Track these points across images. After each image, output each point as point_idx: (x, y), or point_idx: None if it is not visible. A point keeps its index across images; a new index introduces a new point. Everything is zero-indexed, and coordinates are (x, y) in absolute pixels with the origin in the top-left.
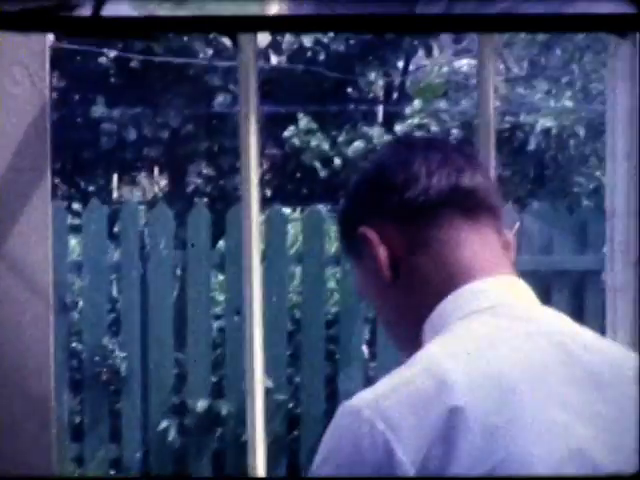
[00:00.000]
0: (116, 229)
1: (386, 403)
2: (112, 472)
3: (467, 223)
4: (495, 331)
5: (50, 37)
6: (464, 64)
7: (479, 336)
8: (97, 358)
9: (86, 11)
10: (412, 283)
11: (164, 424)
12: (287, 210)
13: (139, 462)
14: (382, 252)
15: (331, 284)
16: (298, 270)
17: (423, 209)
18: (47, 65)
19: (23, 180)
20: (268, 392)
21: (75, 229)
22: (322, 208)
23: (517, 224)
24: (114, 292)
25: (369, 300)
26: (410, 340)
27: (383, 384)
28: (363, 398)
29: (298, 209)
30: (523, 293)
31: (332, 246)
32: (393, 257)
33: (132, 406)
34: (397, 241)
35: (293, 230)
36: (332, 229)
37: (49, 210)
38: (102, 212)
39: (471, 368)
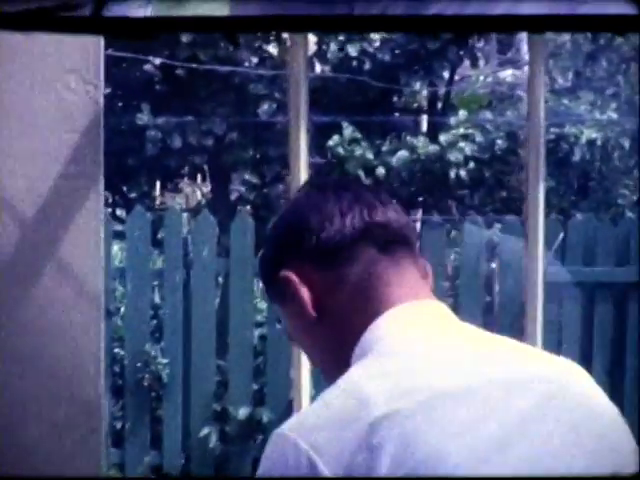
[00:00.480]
0: (159, 236)
1: (308, 425)
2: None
3: (383, 257)
4: (413, 350)
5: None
6: (508, 74)
7: (397, 356)
8: (139, 364)
9: (87, 11)
10: (335, 320)
11: (205, 431)
12: None
13: (180, 468)
14: (304, 293)
15: None
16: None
17: (339, 248)
18: (102, 73)
19: (76, 186)
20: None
21: (118, 235)
22: None
23: (561, 235)
24: (157, 299)
25: (298, 342)
26: (340, 374)
27: (307, 409)
28: (289, 423)
29: None
30: (442, 314)
31: None
32: (315, 297)
33: (173, 412)
34: (317, 281)
35: None
36: None
37: (101, 217)
38: (146, 219)
39: (389, 384)
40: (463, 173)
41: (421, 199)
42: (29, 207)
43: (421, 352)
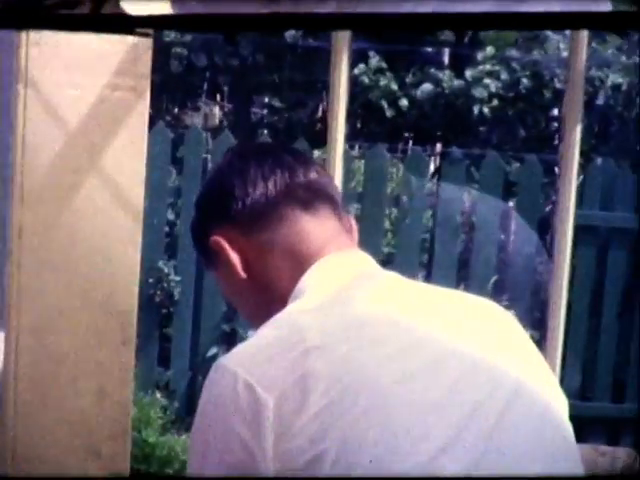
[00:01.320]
0: (179, 154)
1: (246, 355)
2: (158, 395)
3: (306, 215)
4: (343, 290)
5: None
6: None
7: (329, 294)
8: (151, 280)
9: (86, 9)
10: (265, 279)
11: (214, 350)
12: (349, 147)
13: (186, 387)
14: (234, 258)
15: (387, 225)
16: (356, 209)
17: (264, 211)
18: None
19: (123, 98)
20: None
21: None
22: (385, 148)
23: (580, 178)
24: (172, 216)
25: (232, 301)
26: None
27: (246, 342)
28: (227, 355)
29: (359, 147)
30: (365, 261)
31: (391, 187)
32: (244, 259)
33: (183, 331)
34: (245, 245)
35: (354, 168)
36: (393, 170)
37: (145, 129)
38: (166, 136)
39: (322, 317)
40: (486, 110)
41: (442, 133)
42: (75, 116)
43: (347, 295)
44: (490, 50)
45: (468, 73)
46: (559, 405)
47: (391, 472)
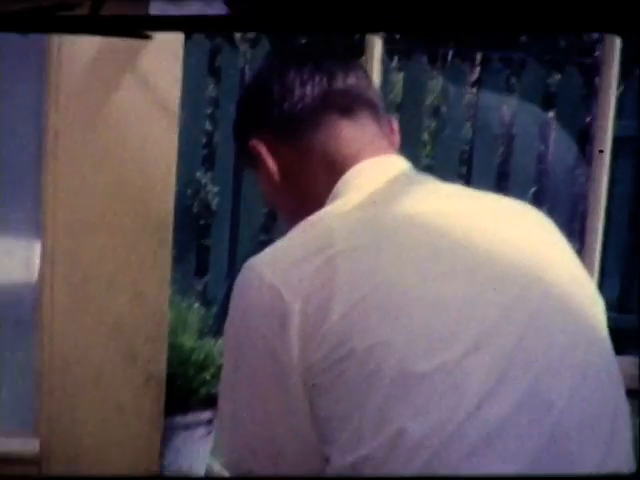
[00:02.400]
0: (217, 64)
1: (273, 258)
2: (196, 305)
3: (344, 120)
4: (377, 193)
5: None
6: None
7: (363, 198)
8: (189, 191)
9: (85, 10)
10: (302, 183)
11: None
12: (387, 59)
13: (222, 298)
14: (270, 162)
15: (426, 136)
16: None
17: (301, 116)
18: None
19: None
20: None
21: None
22: (424, 58)
23: (621, 88)
24: (210, 127)
25: (270, 203)
26: None
27: (275, 243)
28: (256, 257)
29: (398, 58)
30: (402, 165)
31: (430, 98)
32: (282, 164)
33: (220, 242)
34: (283, 149)
35: (393, 80)
36: (432, 81)
37: (181, 36)
38: (204, 46)
39: (354, 220)
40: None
41: (482, 43)
42: None
43: (382, 199)
44: None
45: None
46: (596, 312)
47: (415, 373)
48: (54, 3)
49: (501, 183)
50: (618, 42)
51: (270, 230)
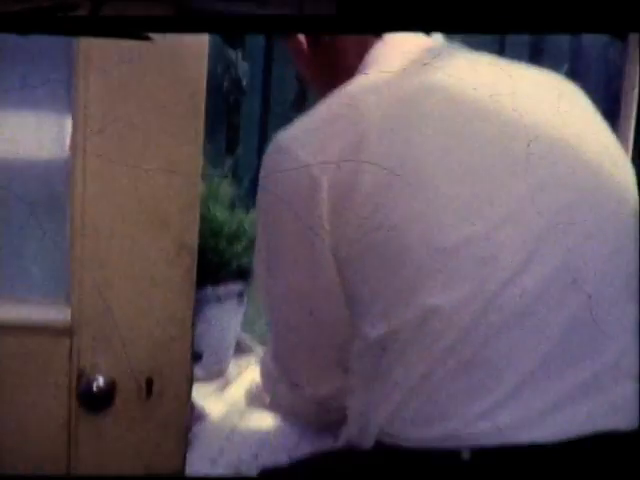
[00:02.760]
0: None
1: (303, 132)
2: (227, 178)
3: None
4: (409, 64)
5: None
6: None
7: (394, 68)
8: (219, 69)
9: (84, 11)
10: (332, 55)
11: None
12: None
13: (253, 172)
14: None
15: None
16: None
17: None
18: None
19: None
20: None
21: None
22: None
23: None
24: None
25: (303, 76)
26: None
27: (305, 116)
28: (284, 131)
29: None
30: (438, 39)
31: None
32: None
33: (251, 119)
34: None
35: None
36: None
37: None
38: None
39: (385, 91)
40: None
41: None
42: None
43: (413, 69)
44: None
45: None
46: (630, 190)
47: (444, 246)
48: (54, 4)
49: (533, 60)
50: None
51: (301, 108)
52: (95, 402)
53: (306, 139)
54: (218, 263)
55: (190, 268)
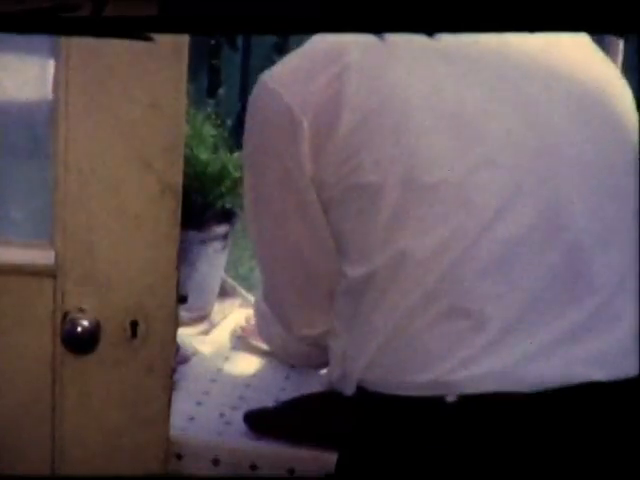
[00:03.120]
0: None
1: (286, 71)
2: (210, 119)
3: None
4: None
5: None
6: None
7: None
8: None
9: (86, 12)
10: None
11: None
12: None
13: (236, 114)
14: None
15: None
16: None
17: None
18: None
19: None
20: None
21: None
22: None
23: None
24: None
25: None
26: None
27: (288, 57)
28: (268, 72)
29: None
30: None
31: None
32: None
33: (232, 62)
34: None
35: None
36: None
37: None
38: None
39: (366, 38)
40: None
41: None
42: None
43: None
44: None
45: None
46: (628, 119)
47: (421, 185)
48: (55, 4)
49: None
50: None
51: (283, 50)
52: (79, 344)
53: (288, 79)
54: (202, 205)
55: (175, 209)
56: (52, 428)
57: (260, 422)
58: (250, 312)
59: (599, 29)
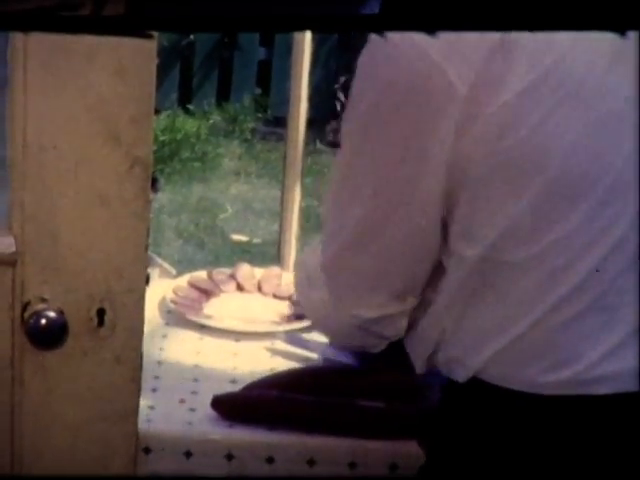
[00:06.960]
0: None
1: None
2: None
3: None
4: None
5: None
6: None
7: None
8: None
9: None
10: None
11: None
12: None
13: None
14: None
15: None
16: None
17: None
18: None
19: None
20: None
21: None
22: None
23: None
24: None
25: None
26: None
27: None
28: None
29: None
30: None
31: None
32: None
33: None
34: None
35: None
36: None
37: None
38: None
39: None
40: None
41: None
42: None
43: None
44: None
45: None
46: None
47: (574, 175)
48: (56, 3)
49: None
50: None
51: None
52: (42, 336)
53: (445, 39)
54: None
55: (144, 185)
56: (11, 428)
57: (232, 407)
58: (176, 282)
59: (599, 29)
